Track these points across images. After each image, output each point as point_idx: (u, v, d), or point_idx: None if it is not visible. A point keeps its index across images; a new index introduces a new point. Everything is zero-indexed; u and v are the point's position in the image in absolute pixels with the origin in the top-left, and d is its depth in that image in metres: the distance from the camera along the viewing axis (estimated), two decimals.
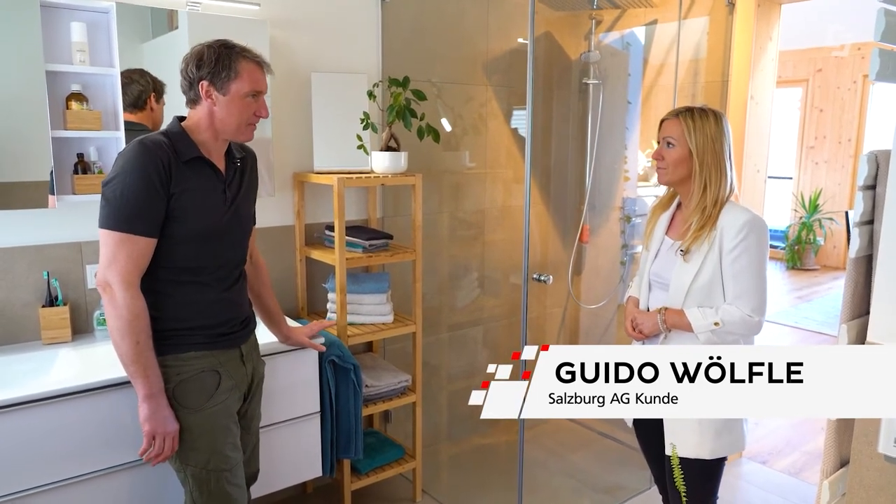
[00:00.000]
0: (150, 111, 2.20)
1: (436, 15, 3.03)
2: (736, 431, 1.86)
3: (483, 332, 3.41)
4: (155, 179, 1.58)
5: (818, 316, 6.03)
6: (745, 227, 1.74)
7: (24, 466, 1.70)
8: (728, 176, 1.80)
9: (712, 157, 1.79)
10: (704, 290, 1.79)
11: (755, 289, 1.75)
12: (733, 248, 1.74)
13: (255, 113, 1.72)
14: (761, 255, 1.76)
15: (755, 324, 1.75)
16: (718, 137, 1.79)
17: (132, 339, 1.57)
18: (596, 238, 3.53)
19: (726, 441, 1.84)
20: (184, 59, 1.68)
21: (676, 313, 1.82)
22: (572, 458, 3.25)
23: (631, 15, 3.34)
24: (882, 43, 1.13)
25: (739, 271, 1.75)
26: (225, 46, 1.67)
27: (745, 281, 1.74)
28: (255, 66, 1.69)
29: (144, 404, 1.61)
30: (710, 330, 1.76)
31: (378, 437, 2.83)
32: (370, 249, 2.52)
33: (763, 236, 1.76)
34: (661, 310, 1.85)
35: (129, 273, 1.57)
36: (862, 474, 1.20)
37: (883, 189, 1.20)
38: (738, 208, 1.79)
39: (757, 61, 2.93)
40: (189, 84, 1.67)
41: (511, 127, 3.34)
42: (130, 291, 1.57)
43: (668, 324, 1.83)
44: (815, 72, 7.96)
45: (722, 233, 1.76)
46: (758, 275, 1.75)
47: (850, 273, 1.31)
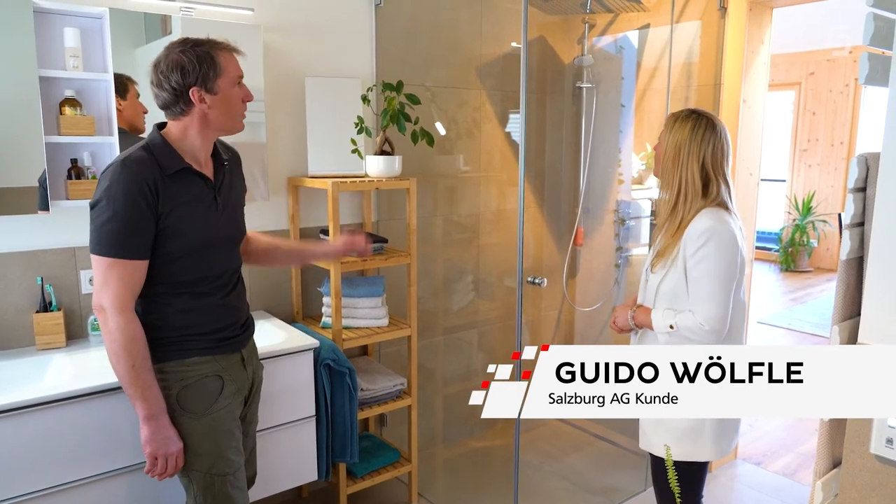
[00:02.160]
0: (119, 112, 2.14)
1: (429, 19, 3.04)
2: (702, 440, 1.83)
3: (478, 335, 3.41)
4: (141, 202, 1.54)
5: (812, 318, 6.05)
6: (703, 235, 1.73)
7: (18, 472, 1.69)
8: (692, 183, 1.78)
9: (673, 162, 1.81)
10: (671, 294, 1.82)
11: (709, 297, 1.73)
12: (693, 254, 1.75)
13: (243, 99, 1.70)
14: (721, 264, 1.73)
15: (705, 333, 1.73)
16: (686, 145, 1.79)
17: (128, 362, 1.56)
18: (590, 241, 3.54)
19: (688, 447, 1.83)
20: (159, 73, 1.60)
21: (645, 312, 1.87)
22: (567, 460, 3.25)
23: (624, 19, 3.36)
24: (871, 47, 1.14)
25: (696, 279, 1.75)
26: (196, 45, 1.61)
27: (701, 289, 1.74)
28: (230, 55, 1.66)
29: (145, 426, 1.60)
30: (666, 332, 1.80)
31: (373, 440, 2.83)
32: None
33: (724, 245, 1.73)
34: (633, 307, 1.93)
35: (121, 297, 1.56)
36: (854, 475, 1.20)
37: (873, 191, 1.22)
38: (707, 216, 1.76)
39: (749, 65, 2.94)
40: (176, 96, 1.60)
41: (505, 131, 3.35)
42: (125, 315, 1.56)
43: (636, 321, 1.90)
44: (808, 75, 8.01)
45: (685, 239, 1.77)
46: (715, 284, 1.73)
47: (841, 275, 1.32)
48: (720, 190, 1.81)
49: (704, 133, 1.79)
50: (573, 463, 3.23)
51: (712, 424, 1.83)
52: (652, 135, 3.37)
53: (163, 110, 1.66)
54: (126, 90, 2.17)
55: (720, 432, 1.85)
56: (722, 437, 1.86)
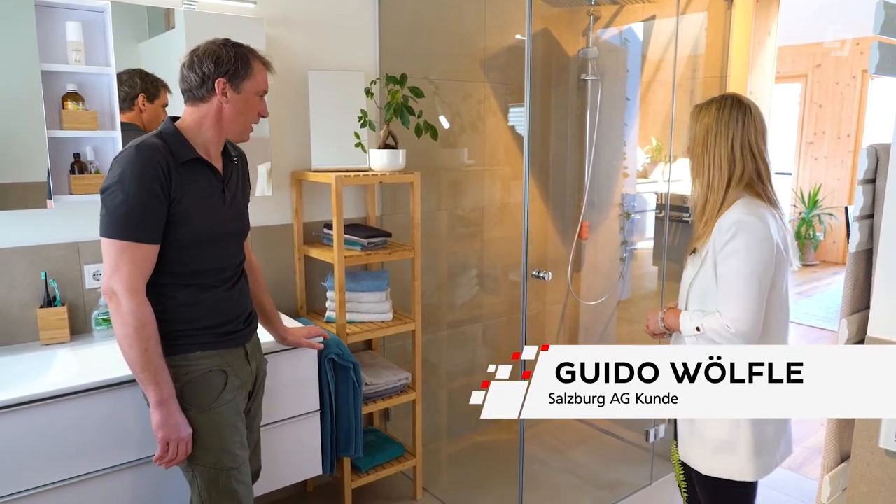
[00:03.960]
0: (140, 112, 2.17)
1: (433, 12, 3.02)
2: (740, 456, 1.68)
3: (482, 330, 3.40)
4: (155, 186, 1.56)
5: (818, 311, 6.03)
6: (732, 227, 1.59)
7: (23, 467, 1.69)
8: (720, 167, 1.65)
9: (703, 149, 1.68)
10: (701, 293, 1.70)
11: (736, 296, 1.59)
12: (721, 249, 1.62)
13: (259, 112, 1.75)
14: (751, 260, 1.58)
15: (732, 336, 1.59)
16: (714, 127, 1.66)
17: (140, 346, 1.56)
18: (595, 234, 3.53)
19: (724, 462, 1.69)
20: (195, 56, 1.66)
21: (675, 314, 1.75)
22: (572, 454, 3.25)
23: (629, 11, 3.33)
24: (881, 36, 1.12)
25: (724, 276, 1.62)
26: (237, 45, 1.69)
27: (728, 287, 1.61)
28: (263, 67, 1.73)
29: (156, 411, 1.60)
30: (693, 335, 1.68)
31: (378, 435, 2.83)
32: (369, 247, 2.51)
33: (754, 239, 1.58)
34: (665, 308, 1.81)
35: (133, 281, 1.56)
36: (863, 469, 1.19)
37: (883, 183, 1.20)
38: (738, 207, 1.63)
39: (755, 57, 2.92)
40: (202, 80, 1.65)
41: (509, 124, 3.33)
42: (136, 299, 1.56)
43: (666, 323, 1.79)
44: (815, 67, 7.95)
45: (715, 232, 1.64)
46: (743, 282, 1.58)
47: (850, 268, 1.30)
48: (754, 172, 1.66)
49: (731, 111, 1.66)
50: (578, 457, 3.23)
51: (747, 438, 1.66)
52: (657, 128, 3.35)
53: (184, 95, 1.70)
54: (156, 96, 2.20)
55: (759, 447, 1.67)
56: (762, 452, 1.68)
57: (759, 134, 1.67)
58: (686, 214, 3.10)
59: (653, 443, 2.97)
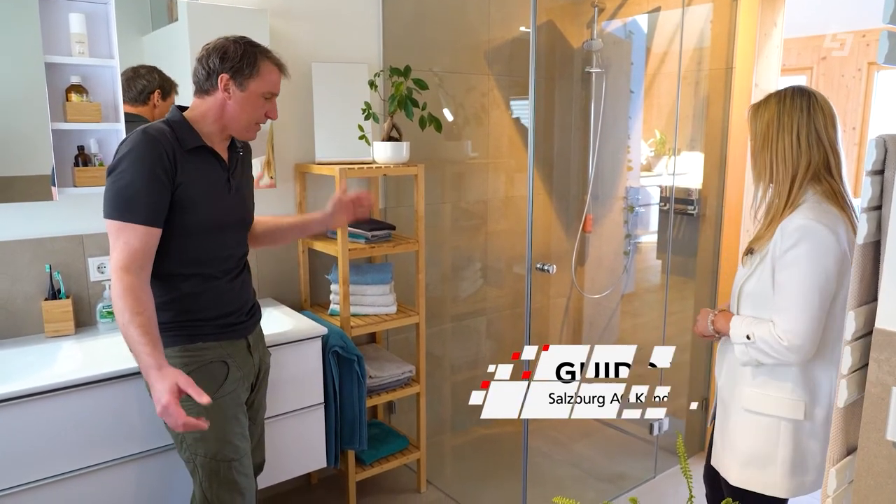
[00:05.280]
0: (153, 107, 2.20)
1: (437, 3, 3.01)
2: (772, 470, 1.59)
3: (486, 323, 3.40)
4: (157, 170, 1.57)
5: None
6: (795, 233, 1.48)
7: (28, 459, 1.70)
8: (784, 160, 1.54)
9: (763, 145, 1.57)
10: (755, 297, 1.60)
11: (793, 307, 1.48)
12: (782, 255, 1.51)
13: (266, 114, 1.75)
14: (812, 272, 1.47)
15: (784, 349, 1.49)
16: (776, 120, 1.55)
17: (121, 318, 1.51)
18: (599, 228, 3.52)
19: (754, 475, 1.61)
20: (205, 49, 1.68)
21: (726, 317, 1.65)
22: (576, 447, 3.25)
23: (633, 3, 3.31)
24: (891, 25, 1.11)
25: (782, 284, 1.51)
26: (250, 44, 1.69)
27: (785, 297, 1.51)
28: (274, 69, 1.73)
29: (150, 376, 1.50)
30: (743, 342, 1.57)
31: (382, 427, 2.83)
32: (372, 240, 2.51)
33: (818, 248, 1.47)
34: (715, 311, 1.72)
35: (127, 260, 1.55)
36: (870, 461, 1.19)
37: (891, 173, 1.19)
38: (805, 210, 1.51)
39: (761, 49, 2.90)
40: (207, 74, 1.67)
41: (513, 116, 3.32)
42: (129, 276, 1.53)
43: (715, 326, 1.68)
44: (820, 59, 7.91)
45: (777, 234, 1.52)
46: (801, 293, 1.48)
47: (857, 259, 1.29)
48: (822, 163, 1.54)
49: (793, 99, 1.55)
50: (582, 450, 3.23)
51: (786, 453, 1.58)
52: (662, 121, 3.33)
53: (194, 87, 1.71)
54: (169, 94, 2.23)
55: (798, 463, 1.58)
56: (801, 469, 1.59)
57: (829, 120, 1.56)
58: (690, 207, 3.09)
59: (657, 436, 2.97)
